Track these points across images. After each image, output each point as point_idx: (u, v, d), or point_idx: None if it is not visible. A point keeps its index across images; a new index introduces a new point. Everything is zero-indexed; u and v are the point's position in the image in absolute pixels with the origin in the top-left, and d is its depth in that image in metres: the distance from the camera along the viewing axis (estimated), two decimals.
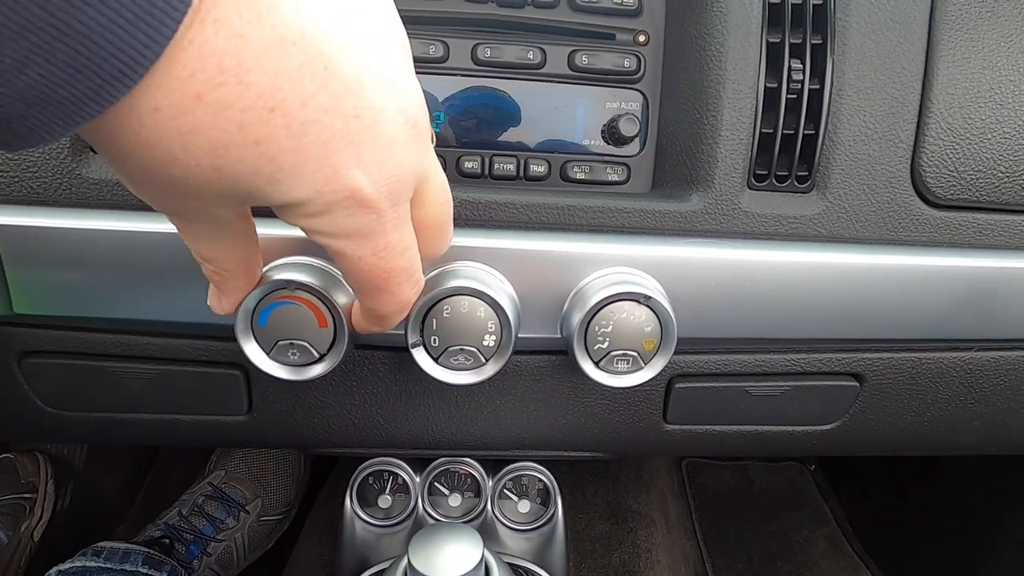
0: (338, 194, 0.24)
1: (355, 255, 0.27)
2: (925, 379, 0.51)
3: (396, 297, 0.30)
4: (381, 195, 0.26)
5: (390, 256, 0.28)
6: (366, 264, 0.28)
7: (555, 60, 0.46)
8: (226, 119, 0.21)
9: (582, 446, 0.53)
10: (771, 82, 0.43)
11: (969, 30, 0.43)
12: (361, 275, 0.29)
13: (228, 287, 0.34)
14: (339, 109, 0.23)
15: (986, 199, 0.45)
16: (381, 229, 0.27)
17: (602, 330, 0.40)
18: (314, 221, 0.26)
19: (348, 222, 0.26)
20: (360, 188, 0.25)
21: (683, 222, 0.44)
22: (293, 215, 0.26)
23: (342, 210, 0.25)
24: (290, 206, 0.25)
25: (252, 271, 0.34)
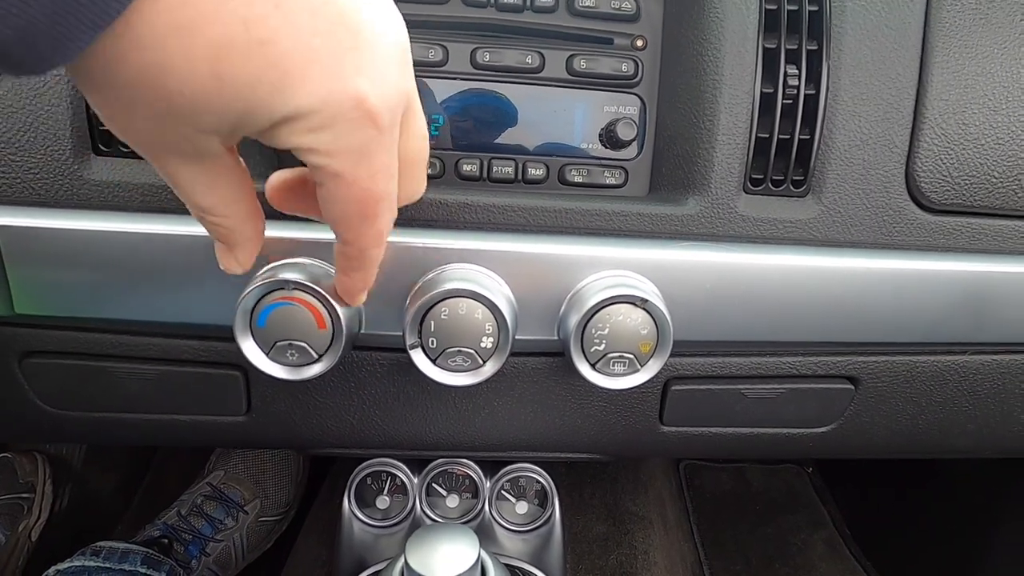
0: (345, 104, 0.24)
1: (351, 177, 0.26)
2: (920, 382, 0.51)
3: (378, 226, 0.30)
4: (384, 108, 0.25)
5: (383, 180, 0.27)
6: (359, 188, 0.27)
7: (553, 64, 0.47)
8: (229, 12, 0.20)
9: (579, 448, 0.53)
10: (767, 87, 0.43)
11: (963, 36, 0.44)
12: (352, 201, 0.27)
13: (235, 239, 0.31)
14: (345, 22, 0.23)
15: (980, 204, 0.45)
16: (379, 148, 0.26)
17: (599, 332, 0.41)
18: (316, 137, 0.24)
19: (351, 137, 0.25)
20: (367, 97, 0.24)
21: (680, 225, 0.44)
22: (292, 132, 0.24)
23: (347, 122, 0.24)
24: (291, 120, 0.24)
25: (255, 217, 0.32)
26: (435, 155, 0.47)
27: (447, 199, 0.43)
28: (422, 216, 0.43)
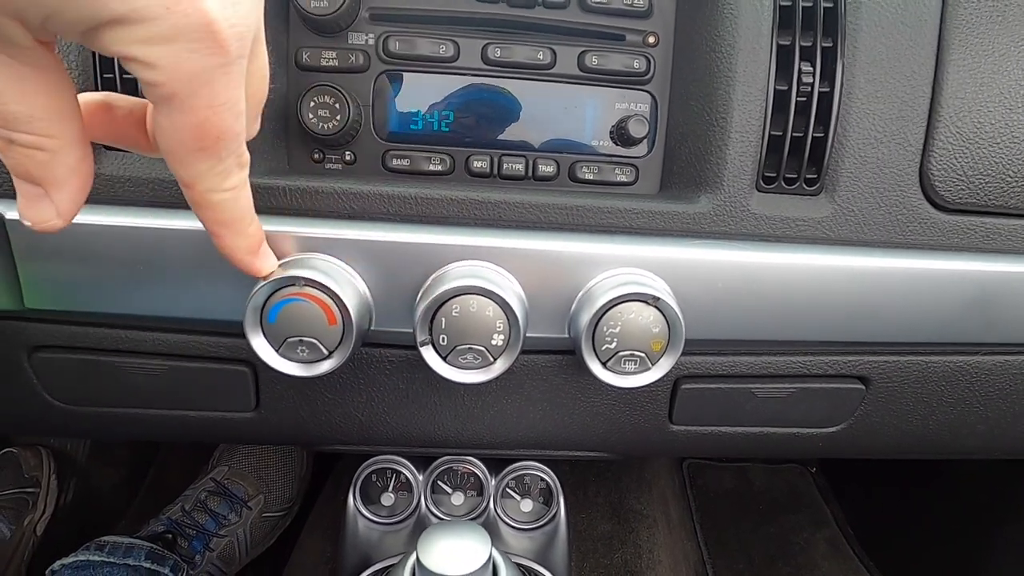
0: (191, 17, 0.21)
1: (188, 103, 0.23)
2: (931, 383, 0.51)
3: (220, 166, 0.26)
4: (232, 36, 0.22)
5: (226, 113, 0.24)
6: (196, 117, 0.24)
7: (565, 60, 0.47)
8: None
9: (587, 446, 0.53)
10: (781, 84, 0.43)
11: (980, 34, 0.43)
12: (186, 129, 0.24)
13: (54, 171, 0.24)
14: None
15: (995, 203, 0.45)
16: (224, 78, 0.23)
17: (610, 330, 0.41)
18: (152, 49, 0.21)
19: (192, 60, 0.22)
20: (215, 20, 0.22)
21: (691, 223, 0.44)
22: (121, 38, 0.21)
23: (189, 42, 0.22)
24: (122, 23, 0.21)
25: (81, 143, 0.25)
26: (445, 151, 0.47)
27: (457, 195, 0.42)
28: (432, 212, 0.43)
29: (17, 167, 0.24)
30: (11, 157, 0.24)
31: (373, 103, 0.46)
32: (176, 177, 0.27)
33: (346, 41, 0.46)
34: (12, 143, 0.23)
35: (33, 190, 0.25)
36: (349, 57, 0.45)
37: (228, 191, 0.28)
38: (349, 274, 0.41)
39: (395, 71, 0.46)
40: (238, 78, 0.24)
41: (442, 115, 0.47)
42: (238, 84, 0.24)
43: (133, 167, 0.41)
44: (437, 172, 0.47)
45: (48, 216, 0.26)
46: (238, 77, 0.24)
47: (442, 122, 0.47)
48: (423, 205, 0.42)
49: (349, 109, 0.44)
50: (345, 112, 0.44)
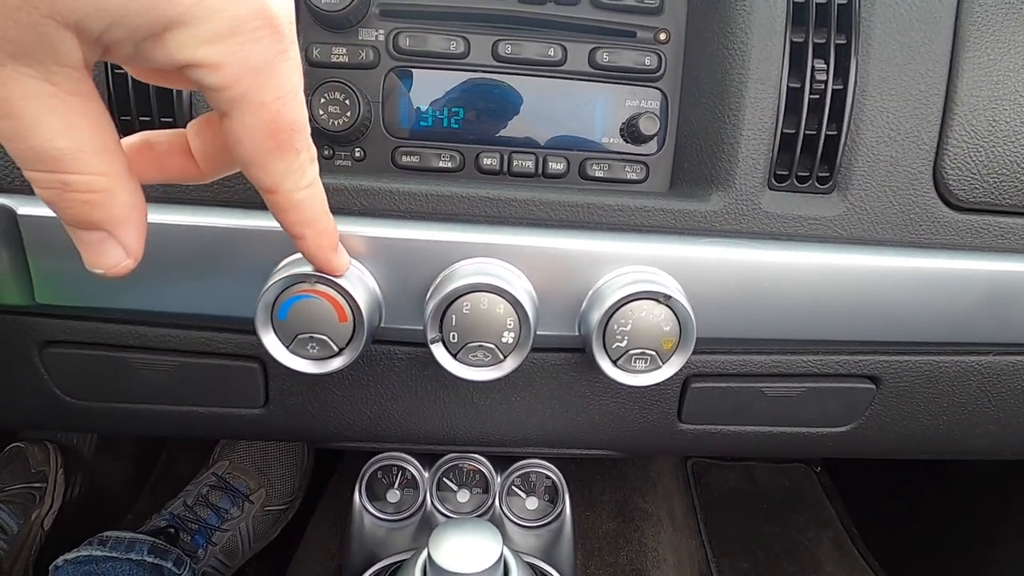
0: (249, 5, 0.20)
1: (257, 99, 0.22)
2: (942, 382, 0.51)
3: (298, 161, 0.25)
4: (286, 19, 0.22)
5: (294, 103, 0.24)
6: (268, 113, 0.23)
7: (575, 57, 0.46)
8: None
9: (596, 444, 0.53)
10: (794, 82, 0.42)
11: (995, 32, 0.43)
12: (260, 128, 0.23)
13: (114, 209, 0.23)
14: None
15: (1009, 203, 0.45)
16: (285, 64, 0.22)
17: (621, 329, 0.40)
18: (216, 49, 0.20)
19: (256, 50, 0.21)
20: (269, 4, 0.21)
21: (703, 222, 0.44)
22: (184, 43, 0.20)
23: (250, 32, 0.21)
24: (183, 26, 0.19)
25: (131, 175, 0.24)
26: (455, 148, 0.47)
27: (468, 193, 0.42)
28: (443, 210, 0.42)
29: (76, 215, 0.22)
30: (67, 206, 0.22)
31: (383, 99, 0.46)
32: (258, 186, 0.27)
33: (356, 37, 0.45)
34: (67, 188, 0.21)
35: (96, 236, 0.24)
36: (359, 53, 0.45)
37: (307, 188, 0.28)
38: (360, 271, 0.41)
39: (405, 67, 0.46)
40: (296, 63, 0.23)
41: (452, 112, 0.47)
42: (297, 69, 0.24)
43: None
44: (447, 169, 0.47)
45: (118, 258, 0.25)
46: (296, 62, 0.23)
47: (452, 119, 0.47)
48: (433, 202, 0.42)
49: (359, 105, 0.44)
50: (355, 109, 0.44)
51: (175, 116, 0.40)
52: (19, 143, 0.20)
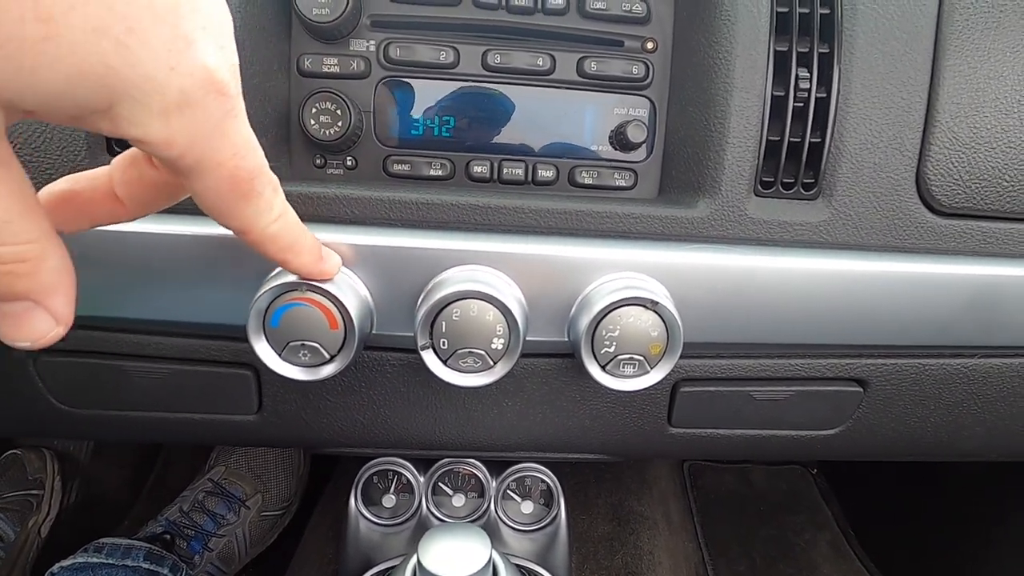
0: (195, 75, 0.20)
1: (214, 160, 0.22)
2: (928, 385, 0.51)
3: (263, 201, 0.26)
4: (230, 78, 0.21)
5: (248, 153, 0.24)
6: (226, 170, 0.23)
7: (564, 66, 0.47)
8: None
9: (587, 448, 0.54)
10: (778, 90, 0.43)
11: (975, 40, 0.43)
12: (222, 185, 0.24)
13: (44, 276, 0.21)
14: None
15: (991, 208, 0.45)
16: (234, 121, 0.22)
17: (609, 334, 0.41)
18: (167, 123, 0.20)
19: (205, 117, 0.21)
20: (215, 68, 0.21)
21: (690, 228, 0.44)
22: (138, 117, 0.19)
23: (198, 100, 0.20)
24: (135, 101, 0.19)
25: (55, 235, 0.22)
26: (446, 156, 0.48)
27: (458, 200, 0.43)
28: (433, 217, 0.43)
29: (1, 289, 0.20)
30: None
31: (374, 109, 0.47)
32: (230, 229, 0.27)
33: (347, 48, 0.46)
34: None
35: (19, 307, 0.21)
36: (350, 63, 0.46)
37: (278, 220, 0.28)
38: (351, 279, 0.41)
39: (396, 77, 0.47)
40: (242, 113, 0.24)
41: (443, 120, 0.48)
42: (244, 119, 0.24)
43: None
44: (438, 177, 0.48)
45: (47, 328, 0.23)
46: (242, 112, 0.24)
47: (443, 127, 0.48)
48: (424, 210, 0.43)
49: (351, 115, 0.44)
50: (346, 118, 0.44)
51: None
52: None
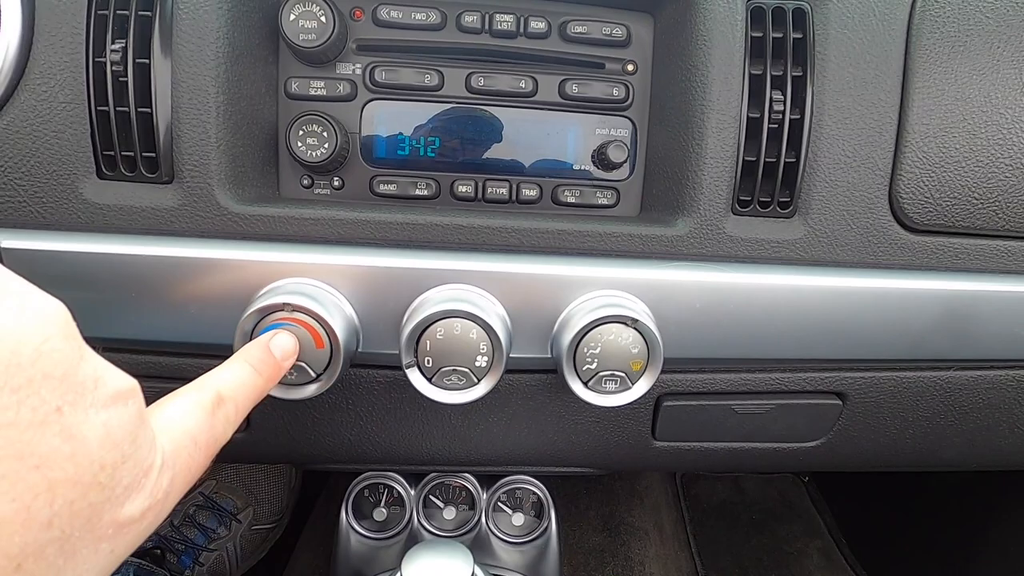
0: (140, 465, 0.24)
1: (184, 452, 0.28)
2: (906, 397, 0.52)
3: (221, 415, 0.31)
4: (157, 463, 0.25)
5: (196, 456, 0.28)
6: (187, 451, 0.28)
7: (546, 88, 0.48)
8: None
9: (573, 462, 0.54)
10: (754, 112, 0.44)
11: (943, 63, 0.45)
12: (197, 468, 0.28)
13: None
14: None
15: (961, 225, 0.47)
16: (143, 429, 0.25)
17: (590, 351, 0.42)
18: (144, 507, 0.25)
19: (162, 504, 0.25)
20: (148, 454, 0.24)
21: (670, 246, 0.45)
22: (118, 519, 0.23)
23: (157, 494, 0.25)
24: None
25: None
26: (431, 176, 0.49)
27: (442, 221, 0.44)
28: (418, 237, 0.44)
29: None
30: None
31: (361, 130, 0.48)
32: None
33: (334, 71, 0.47)
34: None
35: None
36: (337, 87, 0.47)
37: (226, 407, 0.32)
38: (336, 298, 0.42)
39: (382, 99, 0.48)
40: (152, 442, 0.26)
41: (428, 141, 0.49)
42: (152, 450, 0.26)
43: (126, 195, 0.42)
44: (423, 197, 0.48)
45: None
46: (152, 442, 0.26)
47: (428, 148, 0.49)
48: (409, 230, 0.44)
49: (337, 137, 0.45)
50: (333, 140, 0.45)
51: (151, 105, 0.41)
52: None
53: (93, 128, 0.41)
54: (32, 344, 0.20)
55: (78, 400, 0.22)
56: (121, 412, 0.23)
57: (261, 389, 0.35)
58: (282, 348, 0.38)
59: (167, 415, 0.29)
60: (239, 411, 0.32)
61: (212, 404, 0.30)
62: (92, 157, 0.41)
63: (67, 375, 0.21)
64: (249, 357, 0.35)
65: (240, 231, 0.43)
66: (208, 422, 0.30)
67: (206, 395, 0.31)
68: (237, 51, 0.42)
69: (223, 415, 0.31)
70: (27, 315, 0.21)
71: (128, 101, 0.41)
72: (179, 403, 0.30)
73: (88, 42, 0.40)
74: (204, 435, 0.29)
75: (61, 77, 0.40)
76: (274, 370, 0.36)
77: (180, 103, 0.41)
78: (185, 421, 0.29)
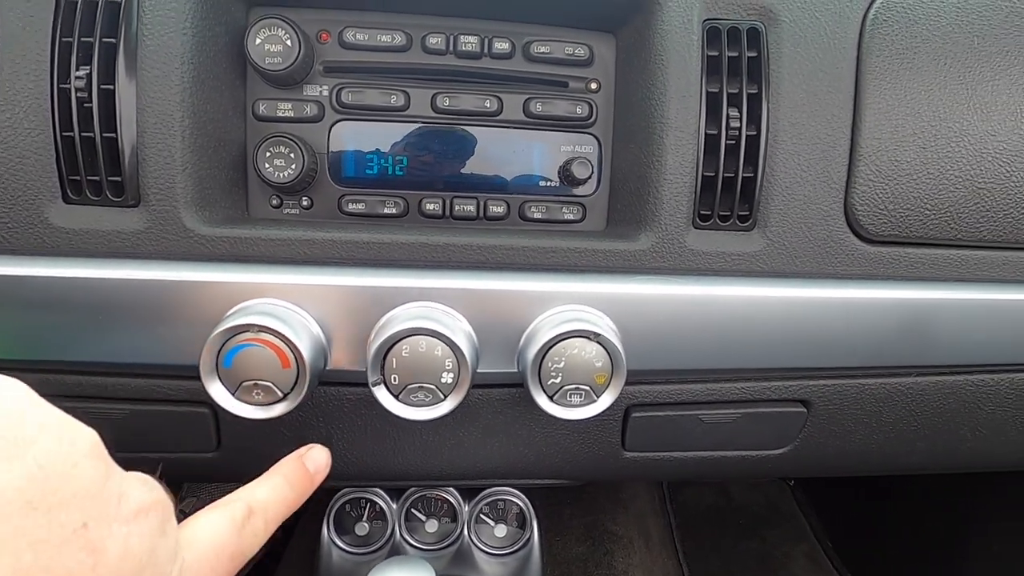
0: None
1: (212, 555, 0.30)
2: (869, 404, 0.53)
3: (251, 527, 0.33)
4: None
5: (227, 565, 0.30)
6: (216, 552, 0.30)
7: (511, 107, 0.49)
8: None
9: (545, 474, 0.55)
10: (711, 128, 0.45)
11: (892, 80, 0.46)
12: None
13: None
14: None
15: (916, 234, 0.48)
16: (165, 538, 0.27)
17: (555, 366, 0.42)
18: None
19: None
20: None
21: (633, 260, 0.46)
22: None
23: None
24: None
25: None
26: (399, 195, 0.49)
27: (409, 240, 0.44)
28: (385, 256, 0.44)
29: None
30: None
31: (328, 151, 0.48)
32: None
33: (302, 93, 0.48)
34: None
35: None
36: (304, 108, 0.47)
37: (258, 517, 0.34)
38: (303, 318, 0.42)
39: (349, 120, 0.48)
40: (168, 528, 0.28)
41: (396, 160, 0.49)
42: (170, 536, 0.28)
43: (92, 219, 0.42)
44: (392, 215, 0.49)
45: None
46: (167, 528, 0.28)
47: (396, 167, 0.49)
48: (376, 249, 0.44)
49: (304, 158, 0.46)
50: (300, 161, 0.46)
51: (116, 131, 0.41)
52: None
53: (58, 153, 0.41)
54: (65, 467, 0.23)
55: (103, 516, 0.24)
56: (142, 526, 0.26)
57: (292, 502, 0.37)
58: (315, 461, 0.40)
59: (194, 528, 0.31)
60: (268, 524, 0.34)
61: (242, 518, 0.32)
62: (58, 182, 0.42)
63: (95, 493, 0.24)
64: (284, 471, 0.38)
65: (207, 253, 0.43)
66: (235, 535, 0.32)
67: (237, 509, 0.33)
68: (203, 75, 0.43)
69: (251, 529, 0.33)
70: (63, 443, 0.24)
71: (93, 126, 0.41)
72: (209, 517, 0.32)
73: (52, 69, 0.41)
74: (230, 547, 0.31)
75: (26, 104, 0.41)
76: (306, 482, 0.38)
77: (145, 127, 0.41)
78: (212, 534, 0.31)
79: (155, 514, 0.27)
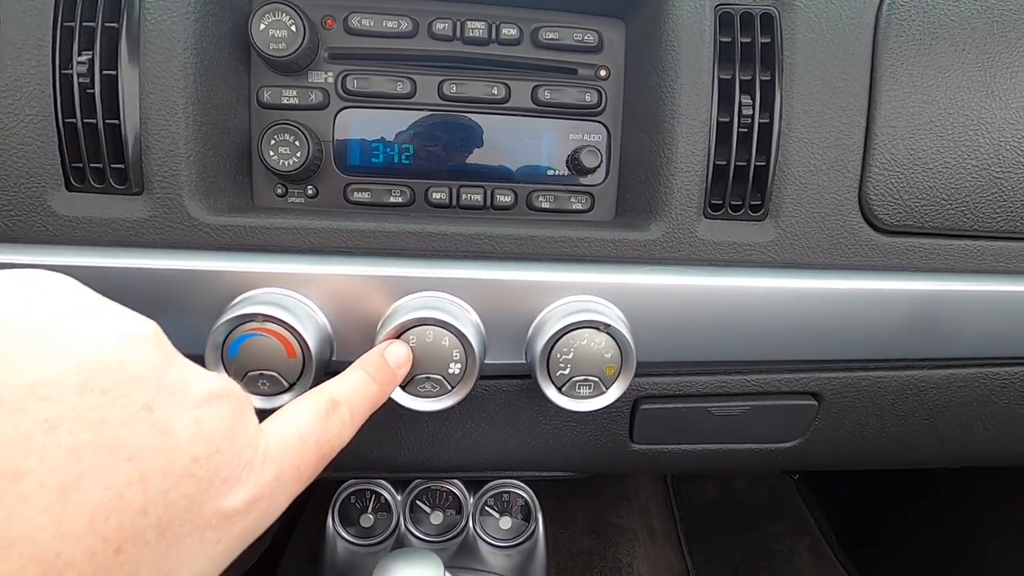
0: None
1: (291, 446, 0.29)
2: (881, 396, 0.53)
3: (337, 418, 0.32)
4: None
5: (308, 456, 0.29)
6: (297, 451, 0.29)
7: (519, 95, 0.48)
8: None
9: (552, 466, 0.54)
10: (723, 116, 0.45)
11: (909, 67, 0.45)
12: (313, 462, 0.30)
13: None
14: None
15: (930, 225, 0.47)
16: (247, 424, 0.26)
17: (563, 357, 0.42)
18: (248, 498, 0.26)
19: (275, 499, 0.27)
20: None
21: (643, 250, 0.45)
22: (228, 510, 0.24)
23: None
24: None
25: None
26: (405, 183, 0.49)
27: (415, 229, 0.44)
28: (391, 245, 0.44)
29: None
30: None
31: (334, 139, 0.48)
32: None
33: (306, 80, 0.47)
34: None
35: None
36: (309, 95, 0.47)
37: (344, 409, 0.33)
38: (309, 308, 0.42)
39: (354, 108, 0.48)
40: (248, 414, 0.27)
41: (402, 148, 0.49)
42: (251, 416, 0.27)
43: (95, 207, 0.42)
44: (398, 204, 0.48)
45: None
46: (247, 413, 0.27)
47: (402, 155, 0.49)
48: (382, 239, 0.44)
49: (309, 146, 0.45)
50: (305, 149, 0.45)
51: (119, 117, 0.41)
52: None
53: (61, 140, 0.41)
54: (119, 353, 0.22)
55: (168, 399, 0.23)
56: (216, 410, 0.25)
57: (377, 396, 0.36)
58: (396, 356, 0.39)
59: (279, 418, 0.30)
60: (355, 415, 0.33)
61: (326, 407, 0.32)
62: (60, 169, 0.41)
63: (155, 378, 0.23)
64: (365, 365, 0.37)
65: (212, 241, 0.42)
66: (320, 423, 0.31)
67: (320, 400, 0.32)
68: (206, 61, 0.42)
69: (338, 418, 0.32)
70: (117, 330, 0.23)
71: (96, 113, 0.40)
72: (292, 408, 0.31)
73: (54, 54, 0.40)
74: (315, 435, 0.30)
75: (27, 90, 0.40)
76: (389, 377, 0.38)
77: (149, 114, 0.41)
78: (295, 422, 0.30)
79: (229, 400, 0.26)
